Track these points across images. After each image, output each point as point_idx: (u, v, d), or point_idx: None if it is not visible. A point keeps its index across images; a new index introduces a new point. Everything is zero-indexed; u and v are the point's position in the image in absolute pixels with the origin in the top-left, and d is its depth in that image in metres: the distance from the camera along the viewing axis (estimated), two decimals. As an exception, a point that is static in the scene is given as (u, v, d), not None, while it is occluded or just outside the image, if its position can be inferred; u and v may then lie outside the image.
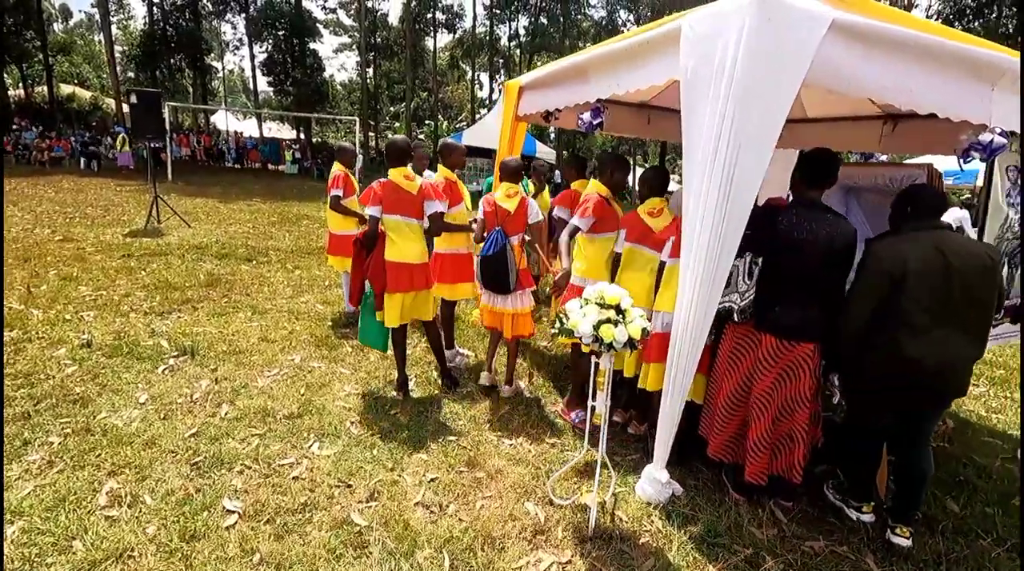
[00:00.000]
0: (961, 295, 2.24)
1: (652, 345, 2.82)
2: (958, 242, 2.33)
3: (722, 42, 2.18)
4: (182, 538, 2.18)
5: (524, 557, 2.21)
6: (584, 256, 3.36)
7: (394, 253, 3.39)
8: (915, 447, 2.45)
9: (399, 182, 3.35)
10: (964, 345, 2.30)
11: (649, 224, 3.06)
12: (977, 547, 2.46)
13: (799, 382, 2.47)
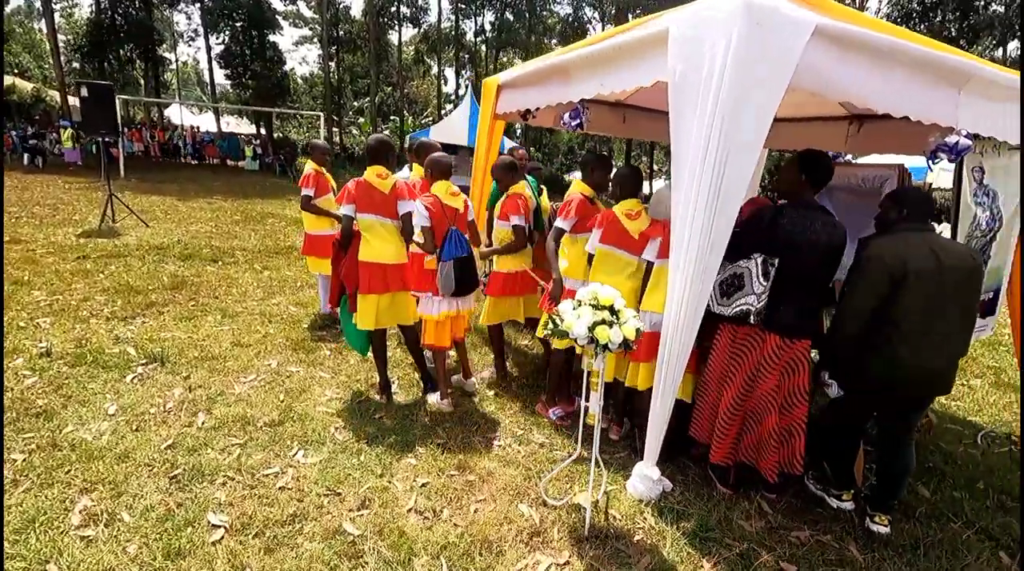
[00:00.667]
0: (952, 294, 2.33)
1: (642, 345, 2.84)
2: (948, 243, 2.43)
3: (710, 45, 2.20)
4: (166, 556, 2.09)
5: (522, 560, 2.21)
6: (566, 256, 3.37)
7: (368, 253, 3.32)
8: (901, 444, 2.55)
9: (372, 181, 3.28)
10: (954, 343, 2.40)
11: (627, 227, 3.04)
12: (949, 530, 2.58)
13: (798, 377, 2.55)
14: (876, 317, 2.38)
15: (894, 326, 2.35)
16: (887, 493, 2.57)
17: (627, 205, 3.09)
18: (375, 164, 3.33)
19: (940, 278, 2.32)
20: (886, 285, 2.34)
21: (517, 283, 3.80)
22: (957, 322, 2.40)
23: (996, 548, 2.50)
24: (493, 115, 4.37)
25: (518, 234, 3.61)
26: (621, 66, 2.79)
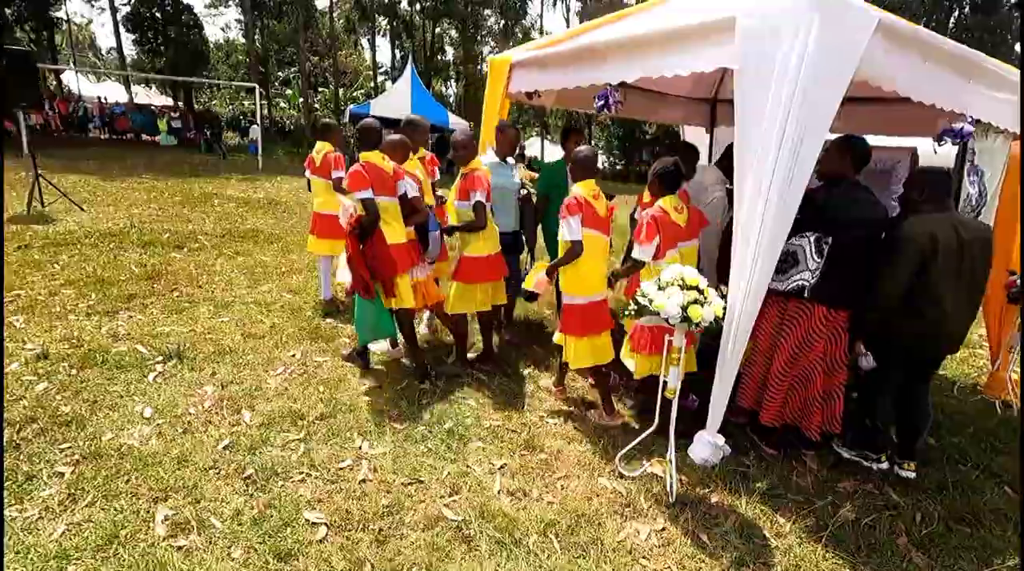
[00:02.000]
0: (969, 265, 2.63)
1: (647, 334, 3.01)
2: (965, 219, 2.72)
3: (786, 37, 2.31)
4: (277, 558, 2.03)
5: (623, 530, 2.32)
6: None
7: (394, 235, 3.32)
8: (921, 397, 2.87)
9: (379, 163, 3.28)
10: (969, 307, 2.72)
11: (596, 207, 3.05)
12: (962, 472, 2.95)
13: (840, 345, 2.78)
14: (910, 289, 2.65)
15: (926, 296, 2.63)
16: (911, 441, 2.90)
17: (590, 186, 3.08)
18: (374, 148, 3.32)
19: (961, 252, 2.61)
20: (918, 261, 2.60)
21: (489, 269, 3.60)
22: (972, 288, 2.72)
23: (1000, 483, 2.89)
24: (504, 95, 4.32)
25: (479, 212, 3.40)
26: (672, 51, 2.85)
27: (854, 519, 2.49)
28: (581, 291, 3.09)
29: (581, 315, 3.09)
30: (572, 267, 3.05)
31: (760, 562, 2.20)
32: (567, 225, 2.99)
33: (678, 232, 3.01)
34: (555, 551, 2.18)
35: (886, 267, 2.68)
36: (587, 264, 3.04)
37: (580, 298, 3.10)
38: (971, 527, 2.52)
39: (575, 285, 3.10)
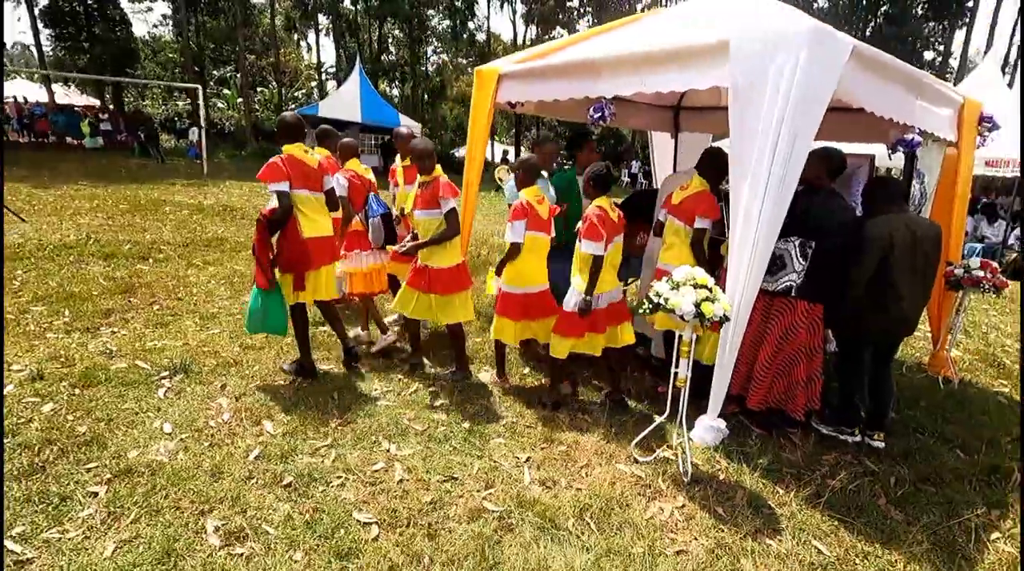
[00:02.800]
0: (922, 259, 3.02)
1: (600, 318, 3.33)
2: (918, 219, 3.12)
3: (778, 60, 2.60)
4: (339, 557, 2.12)
5: (649, 509, 2.55)
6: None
7: (312, 229, 3.41)
8: (886, 375, 3.26)
9: (300, 156, 3.35)
10: (922, 296, 3.12)
11: (539, 210, 3.39)
12: (921, 441, 3.37)
13: (818, 335, 3.12)
14: (873, 281, 3.02)
15: (887, 287, 3.01)
16: (880, 415, 3.28)
17: (535, 191, 3.43)
18: (296, 141, 3.37)
19: (914, 248, 3.00)
20: (880, 257, 2.98)
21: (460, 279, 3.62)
22: (924, 280, 3.13)
23: (953, 448, 3.31)
24: (492, 105, 4.47)
25: (452, 220, 3.43)
26: (670, 68, 3.11)
27: (840, 487, 2.82)
28: (519, 284, 3.47)
29: (519, 303, 3.48)
30: (513, 263, 3.42)
31: (771, 528, 2.47)
32: (512, 228, 3.35)
33: (615, 228, 3.28)
34: (593, 532, 2.37)
35: (855, 264, 3.04)
36: (526, 261, 3.44)
37: (519, 289, 3.47)
38: (935, 486, 2.90)
39: (515, 278, 3.47)
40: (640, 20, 4.22)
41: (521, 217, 3.31)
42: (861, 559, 2.33)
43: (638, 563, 2.20)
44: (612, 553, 2.25)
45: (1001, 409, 3.96)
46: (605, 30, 4.31)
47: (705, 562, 2.23)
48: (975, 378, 4.58)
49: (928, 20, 23.40)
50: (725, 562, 2.23)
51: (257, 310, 3.36)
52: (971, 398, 4.11)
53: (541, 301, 3.54)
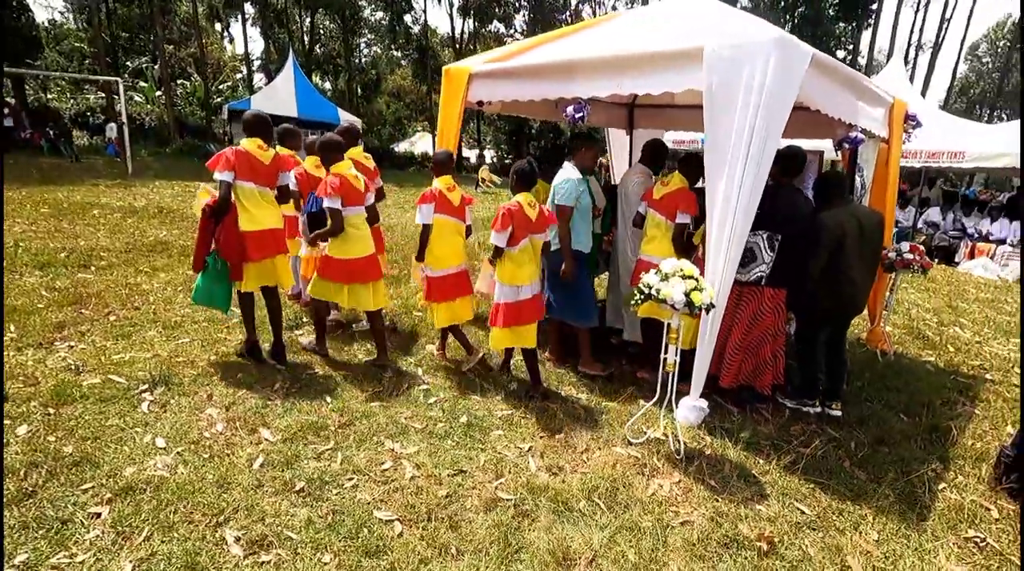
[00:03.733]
0: (868, 246, 3.37)
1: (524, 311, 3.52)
2: (862, 209, 3.46)
3: (749, 66, 2.82)
4: (367, 555, 2.16)
5: (650, 486, 2.73)
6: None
7: (250, 222, 3.52)
8: (840, 350, 3.61)
9: (253, 151, 3.48)
10: (868, 278, 3.48)
11: (450, 197, 3.78)
12: (870, 408, 3.75)
13: (781, 317, 3.41)
14: (827, 268, 3.34)
15: (840, 273, 3.34)
16: (836, 387, 3.63)
17: (446, 180, 3.81)
18: (254, 137, 3.52)
19: (861, 236, 3.35)
20: (834, 245, 3.30)
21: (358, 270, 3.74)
22: (870, 264, 3.49)
23: (897, 413, 3.72)
24: (463, 105, 4.52)
25: (334, 217, 3.52)
26: (647, 72, 3.28)
27: (812, 454, 3.12)
28: (436, 266, 3.82)
29: (439, 285, 3.81)
30: (430, 248, 3.76)
31: (759, 495, 2.72)
32: (420, 211, 3.70)
33: (529, 224, 3.43)
34: (604, 511, 2.52)
35: (812, 255, 3.35)
36: (439, 244, 3.78)
37: (438, 272, 3.82)
38: (888, 447, 3.27)
39: (432, 262, 3.81)
40: (609, 21, 4.38)
41: (429, 201, 3.68)
42: (837, 516, 2.61)
43: (650, 536, 2.37)
44: (625, 529, 2.41)
45: (931, 376, 4.46)
46: (574, 31, 4.45)
47: (708, 530, 2.43)
48: (905, 350, 5.10)
49: (839, 20, 25.28)
50: (726, 528, 2.45)
51: (202, 286, 3.57)
52: (905, 368, 4.60)
53: (458, 281, 3.89)
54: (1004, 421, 3.71)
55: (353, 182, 3.60)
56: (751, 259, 3.34)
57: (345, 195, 3.53)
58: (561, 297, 3.93)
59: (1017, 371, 4.70)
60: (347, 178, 3.58)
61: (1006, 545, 2.47)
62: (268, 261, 3.64)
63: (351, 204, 3.60)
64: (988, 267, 9.61)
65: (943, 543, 2.46)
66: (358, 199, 3.66)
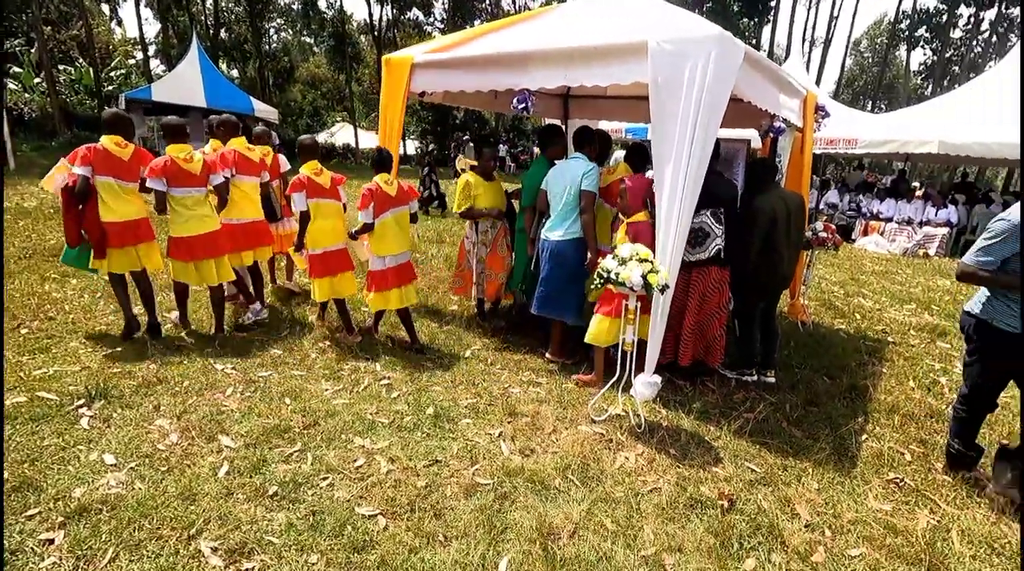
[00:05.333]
0: (794, 226, 3.70)
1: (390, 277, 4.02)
2: (787, 193, 3.79)
3: (692, 61, 3.00)
4: (355, 551, 2.15)
5: (617, 459, 2.88)
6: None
7: (108, 214, 3.77)
8: (772, 319, 3.95)
9: (111, 148, 3.70)
10: (795, 255, 3.82)
11: (320, 182, 4.09)
12: (799, 373, 4.14)
13: (725, 295, 3.67)
14: (762, 249, 3.64)
15: (773, 252, 3.65)
16: (770, 355, 3.97)
17: (312, 165, 4.12)
18: (113, 134, 3.75)
19: (788, 218, 3.68)
20: (769, 226, 3.60)
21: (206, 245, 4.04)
22: (796, 242, 3.84)
23: (822, 376, 4.13)
24: (406, 95, 4.46)
25: (157, 198, 3.79)
26: (594, 65, 3.40)
27: (755, 418, 3.41)
28: (315, 245, 4.14)
29: (319, 262, 4.15)
30: (309, 230, 4.09)
31: (714, 458, 2.95)
32: (294, 199, 3.99)
33: (389, 200, 3.94)
34: (578, 486, 2.65)
35: (750, 236, 3.62)
36: (318, 225, 4.10)
37: (317, 250, 4.14)
38: (818, 407, 3.63)
39: (312, 241, 4.13)
40: (548, 14, 4.45)
41: (299, 189, 3.97)
42: (783, 471, 2.89)
43: (623, 505, 2.52)
44: (600, 500, 2.54)
45: (844, 342, 4.96)
46: (512, 23, 4.50)
47: (675, 494, 2.62)
48: (821, 320, 5.63)
49: (743, 16, 26.93)
50: (690, 491, 2.64)
51: (70, 252, 3.89)
52: (823, 336, 5.08)
53: (339, 258, 4.22)
54: (907, 377, 4.21)
55: (183, 165, 3.82)
56: (704, 237, 3.55)
57: (171, 177, 3.78)
58: (550, 291, 3.90)
59: (913, 333, 5.33)
60: (176, 161, 3.80)
61: (919, 482, 2.84)
62: (131, 249, 3.90)
63: (179, 186, 3.82)
64: (879, 243, 10.72)
65: (871, 486, 2.78)
66: (189, 181, 3.87)
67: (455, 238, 8.45)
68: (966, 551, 2.34)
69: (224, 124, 4.63)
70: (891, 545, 2.36)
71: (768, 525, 2.43)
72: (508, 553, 2.19)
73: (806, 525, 2.47)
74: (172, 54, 26.79)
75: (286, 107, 35.79)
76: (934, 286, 7.46)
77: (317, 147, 4.23)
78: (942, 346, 5.00)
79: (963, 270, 2.54)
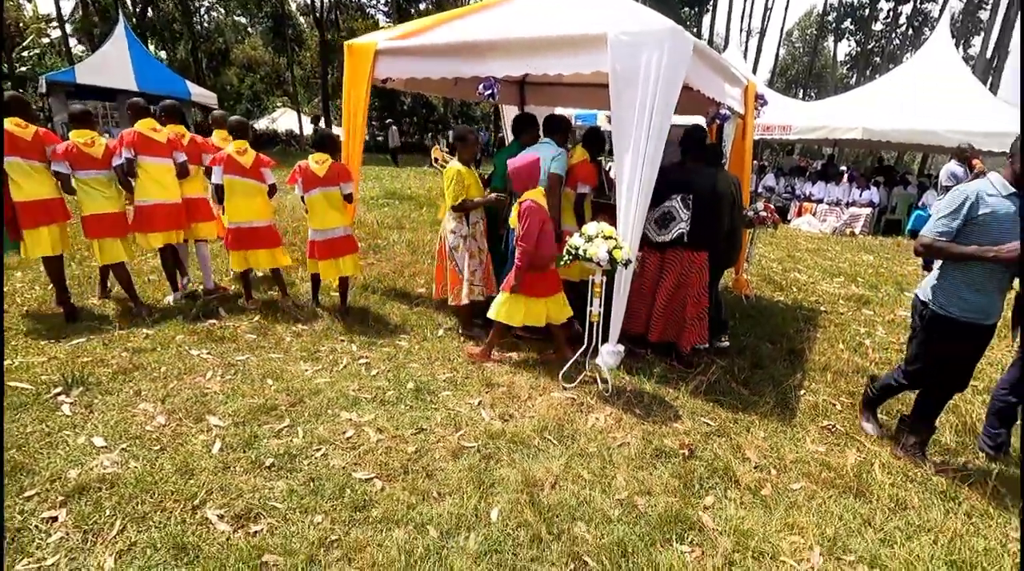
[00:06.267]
0: (735, 204, 4.05)
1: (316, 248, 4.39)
2: (731, 175, 4.13)
3: (647, 52, 3.25)
4: (357, 510, 2.31)
5: (588, 421, 3.15)
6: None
7: (18, 193, 3.87)
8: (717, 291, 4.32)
9: (12, 130, 3.80)
10: (740, 234, 4.18)
11: (240, 160, 4.35)
12: (745, 340, 4.54)
13: (704, 278, 3.93)
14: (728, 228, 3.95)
15: (734, 228, 3.98)
16: (721, 320, 4.33)
17: (239, 144, 4.38)
18: (12, 116, 3.84)
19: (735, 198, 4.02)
20: (729, 209, 3.90)
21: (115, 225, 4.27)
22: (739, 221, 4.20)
23: (764, 342, 4.55)
24: (370, 81, 4.53)
25: (61, 179, 4.06)
26: (555, 54, 3.60)
27: (708, 380, 3.75)
28: (230, 219, 4.47)
29: (231, 235, 4.49)
30: (226, 204, 4.43)
31: (674, 415, 3.26)
32: (213, 172, 4.36)
33: (316, 179, 4.24)
34: (555, 444, 2.89)
35: (723, 215, 3.85)
36: (232, 202, 4.42)
37: (232, 224, 4.46)
38: (762, 369, 4.02)
39: (227, 215, 4.48)
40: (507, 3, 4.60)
41: (218, 164, 4.31)
42: (733, 424, 3.23)
43: (597, 458, 2.79)
44: (576, 455, 2.80)
45: (783, 312, 5.43)
46: (473, 11, 4.62)
47: (641, 447, 2.91)
48: (761, 293, 6.11)
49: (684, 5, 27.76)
50: (655, 443, 2.94)
51: None
52: (764, 307, 5.54)
53: (251, 234, 4.49)
54: (837, 341, 4.69)
55: (85, 149, 4.03)
56: (670, 219, 3.81)
57: (75, 160, 4.00)
58: None
59: (842, 302, 5.88)
60: (78, 146, 4.00)
61: (848, 427, 3.25)
62: (44, 229, 3.97)
63: (83, 168, 4.05)
64: (812, 223, 11.52)
65: (808, 432, 3.17)
66: (91, 164, 4.07)
67: (414, 225, 8.52)
68: (886, 480, 2.74)
69: (166, 109, 4.77)
70: (825, 478, 2.73)
71: (723, 468, 2.76)
72: (498, 504, 2.41)
73: (755, 467, 2.81)
74: (95, 33, 25.02)
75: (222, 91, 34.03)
76: (859, 261, 8.16)
77: (247, 127, 4.51)
78: (866, 313, 5.56)
79: (921, 242, 2.60)
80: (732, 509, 2.48)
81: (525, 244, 3.42)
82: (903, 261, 8.37)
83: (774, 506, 2.52)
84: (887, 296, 6.21)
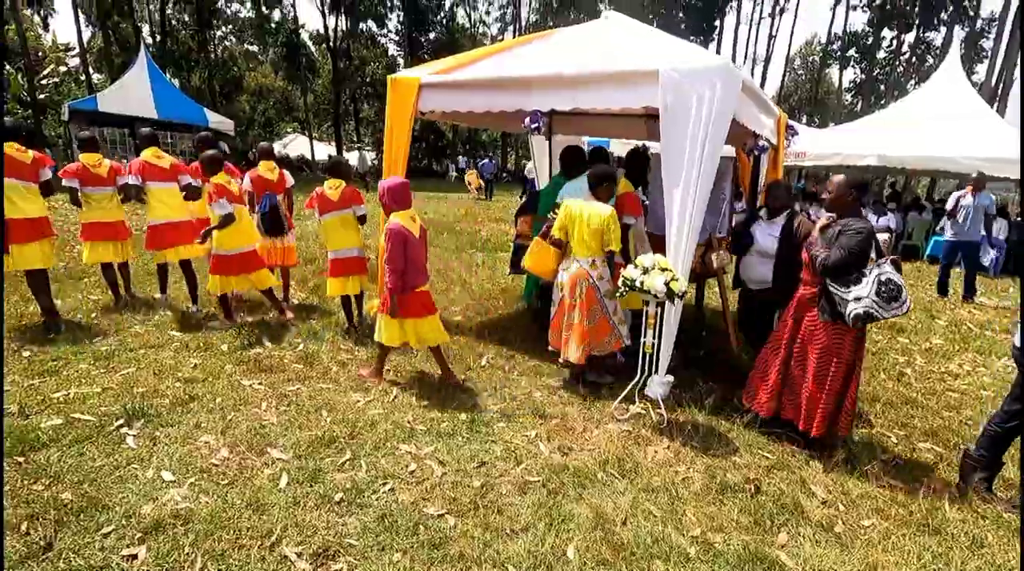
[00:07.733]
0: None
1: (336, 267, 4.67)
2: None
3: (699, 88, 3.32)
4: (435, 548, 2.29)
5: (648, 451, 3.12)
6: None
7: (13, 211, 4.15)
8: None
9: (10, 154, 4.11)
10: None
11: (232, 190, 4.64)
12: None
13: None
14: None
15: None
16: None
17: (222, 177, 4.66)
18: (10, 141, 4.16)
19: None
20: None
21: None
22: None
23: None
24: (414, 114, 4.61)
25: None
26: (602, 89, 3.68)
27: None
28: (227, 247, 4.66)
29: (219, 262, 4.67)
30: (224, 231, 4.56)
31: (732, 449, 3.24)
32: (219, 205, 4.48)
33: (331, 203, 4.53)
34: (619, 478, 2.87)
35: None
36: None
37: (223, 252, 4.66)
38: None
39: (224, 243, 4.63)
40: (543, 39, 4.72)
41: (223, 195, 4.51)
42: (792, 457, 3.20)
43: (663, 493, 2.76)
44: (642, 490, 2.77)
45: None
46: (508, 47, 4.75)
47: (706, 481, 2.88)
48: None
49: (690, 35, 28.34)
50: (719, 478, 2.91)
51: None
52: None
53: (244, 260, 4.75)
54: (878, 370, 4.65)
55: (92, 169, 4.77)
56: (897, 292, 2.88)
57: (83, 179, 4.74)
58: None
59: (875, 331, 5.86)
60: (86, 166, 4.75)
61: (908, 458, 3.21)
62: (35, 245, 4.28)
63: (90, 185, 4.78)
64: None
65: (868, 465, 3.14)
66: (97, 181, 4.81)
67: (437, 250, 8.57)
68: (957, 516, 2.70)
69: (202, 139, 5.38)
70: (897, 515, 2.69)
71: (792, 504, 2.73)
72: (572, 541, 2.38)
73: (823, 502, 2.78)
74: (116, 63, 25.61)
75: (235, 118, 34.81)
76: (883, 287, 8.15)
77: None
78: (902, 341, 5.54)
79: None
80: (808, 547, 2.44)
81: (390, 266, 3.48)
82: (927, 288, 8.37)
83: (850, 544, 2.48)
84: (920, 323, 6.19)
